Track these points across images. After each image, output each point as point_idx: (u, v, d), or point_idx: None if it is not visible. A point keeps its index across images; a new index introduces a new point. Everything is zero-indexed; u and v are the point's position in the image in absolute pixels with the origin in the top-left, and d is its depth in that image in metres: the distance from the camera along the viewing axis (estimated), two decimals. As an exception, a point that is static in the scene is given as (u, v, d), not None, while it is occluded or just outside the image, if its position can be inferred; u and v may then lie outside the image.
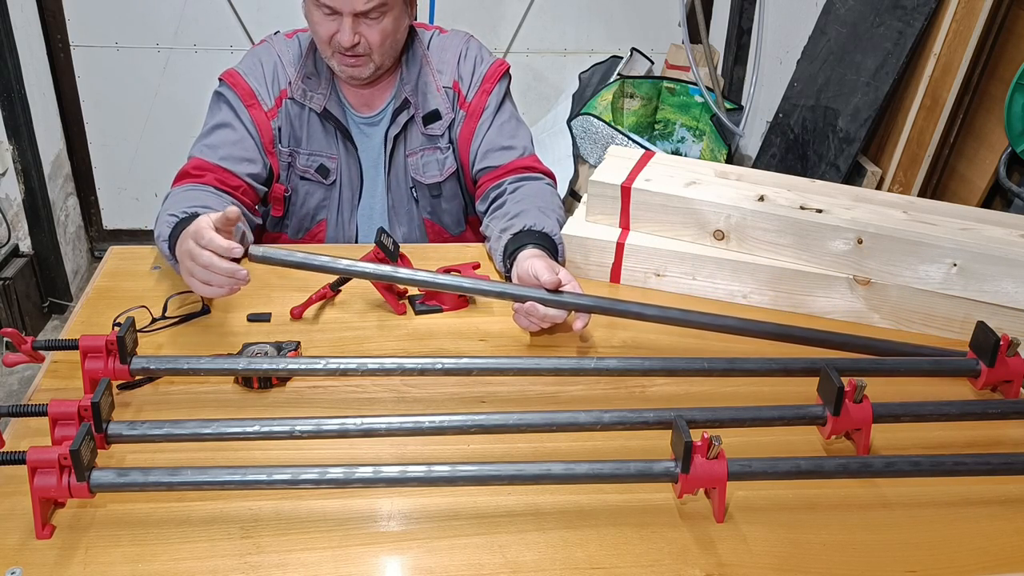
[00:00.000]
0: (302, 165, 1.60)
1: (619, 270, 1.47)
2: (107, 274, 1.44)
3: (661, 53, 3.10)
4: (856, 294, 1.39)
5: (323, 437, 1.02)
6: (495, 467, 0.97)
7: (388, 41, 1.50)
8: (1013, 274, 1.30)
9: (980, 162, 2.37)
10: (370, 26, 1.47)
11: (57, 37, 2.84)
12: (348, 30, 1.45)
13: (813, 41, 2.76)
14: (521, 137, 1.62)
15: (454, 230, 1.72)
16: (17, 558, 0.89)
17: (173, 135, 2.95)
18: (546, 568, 0.91)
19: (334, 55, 1.50)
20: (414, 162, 1.62)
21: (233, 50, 2.89)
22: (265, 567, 0.90)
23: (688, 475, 0.95)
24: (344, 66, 1.51)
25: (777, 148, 2.89)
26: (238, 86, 1.54)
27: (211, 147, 1.52)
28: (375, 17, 1.46)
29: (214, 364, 1.11)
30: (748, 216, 1.40)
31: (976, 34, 2.28)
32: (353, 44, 1.47)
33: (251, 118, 1.54)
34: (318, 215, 1.65)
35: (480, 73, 1.60)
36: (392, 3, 1.46)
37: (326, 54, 1.52)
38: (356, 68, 1.51)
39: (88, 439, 0.91)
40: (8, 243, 2.74)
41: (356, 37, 1.46)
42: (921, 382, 1.25)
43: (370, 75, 1.53)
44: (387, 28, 1.48)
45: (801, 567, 0.93)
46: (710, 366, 1.18)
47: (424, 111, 1.59)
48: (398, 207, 1.66)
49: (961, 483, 1.04)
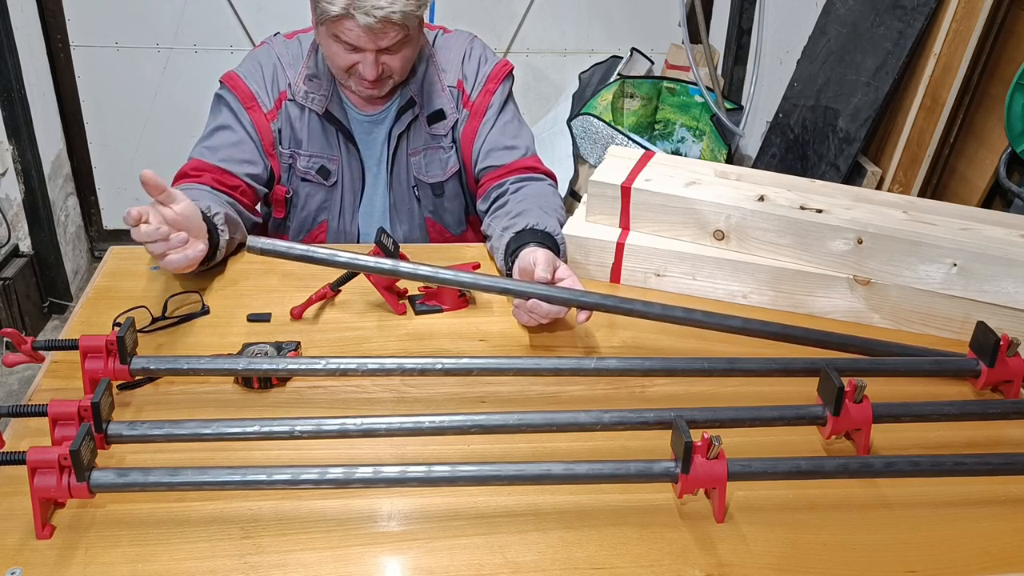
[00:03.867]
0: (303, 167, 1.59)
1: (619, 270, 1.47)
2: (107, 274, 1.44)
3: (661, 53, 3.10)
4: (856, 294, 1.39)
5: (323, 437, 1.02)
6: (495, 467, 0.97)
7: (408, 64, 1.51)
8: (1013, 274, 1.30)
9: (980, 162, 2.37)
10: (392, 55, 1.46)
11: (57, 37, 2.83)
12: (371, 65, 1.44)
13: (813, 41, 2.76)
14: (524, 137, 1.63)
15: (455, 229, 1.72)
16: (17, 558, 0.89)
17: (173, 135, 2.95)
18: (546, 568, 0.91)
19: (352, 79, 1.49)
20: (417, 161, 1.62)
21: (233, 50, 2.89)
22: (265, 567, 0.90)
23: (688, 475, 0.95)
24: (363, 88, 1.51)
25: (777, 148, 2.89)
26: (237, 88, 1.54)
27: (211, 149, 1.52)
28: (396, 48, 1.45)
29: (214, 364, 1.11)
30: (748, 216, 1.40)
31: (976, 34, 2.28)
32: (378, 76, 1.46)
33: (251, 120, 1.54)
34: (319, 216, 1.65)
35: (484, 73, 1.61)
36: (413, 32, 1.45)
37: (342, 78, 1.51)
38: (376, 90, 1.51)
39: (88, 439, 0.91)
40: (8, 243, 2.74)
41: (381, 68, 1.46)
42: (921, 382, 1.25)
43: (387, 92, 1.54)
44: (407, 55, 1.48)
45: (801, 567, 0.93)
46: (710, 366, 1.18)
47: (429, 110, 1.59)
48: (400, 205, 1.66)
49: (961, 483, 1.04)
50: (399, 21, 1.38)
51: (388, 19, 1.36)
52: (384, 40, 1.41)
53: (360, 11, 1.35)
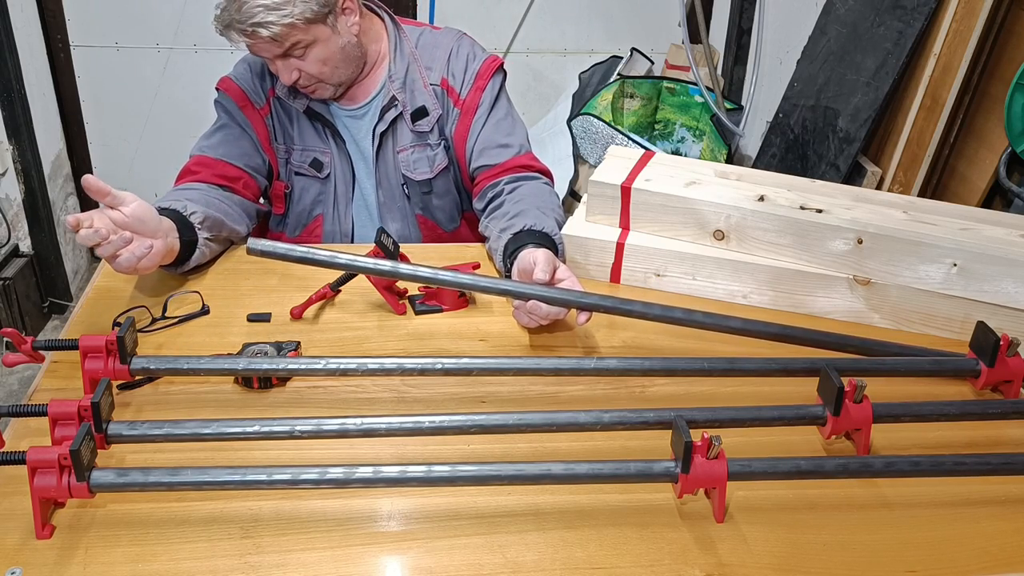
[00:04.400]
0: (297, 161, 1.63)
1: (619, 270, 1.47)
2: (107, 274, 1.44)
3: (661, 53, 3.10)
4: (856, 294, 1.39)
5: (323, 437, 1.02)
6: (495, 467, 0.97)
7: (330, 65, 1.51)
8: (1013, 274, 1.30)
9: (980, 162, 2.37)
10: (302, 59, 1.48)
11: (57, 37, 2.83)
12: (283, 71, 1.49)
13: (813, 41, 2.76)
14: (517, 135, 1.62)
15: (448, 226, 1.72)
16: (17, 558, 0.89)
17: (173, 135, 2.95)
18: (546, 568, 0.91)
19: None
20: (404, 158, 1.63)
21: (233, 50, 2.88)
22: (265, 567, 0.90)
23: (688, 475, 0.95)
24: (304, 94, 1.55)
25: (777, 148, 2.89)
26: (231, 91, 1.59)
27: (211, 145, 1.56)
28: (299, 54, 1.47)
29: (214, 364, 1.11)
30: (748, 216, 1.40)
31: (976, 34, 2.28)
32: (294, 81, 1.49)
33: (247, 119, 1.58)
34: (315, 210, 1.66)
35: (473, 70, 1.60)
36: (307, 37, 1.45)
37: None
38: (316, 93, 1.55)
39: (88, 439, 0.91)
40: (8, 243, 2.74)
41: (295, 73, 1.49)
42: (921, 382, 1.25)
43: (335, 92, 1.57)
44: (320, 55, 1.48)
45: (801, 567, 0.93)
46: (710, 366, 1.18)
47: (412, 108, 1.60)
48: (389, 203, 1.67)
49: (961, 483, 1.04)
50: (270, 36, 1.41)
51: (256, 33, 1.41)
52: (268, 51, 1.45)
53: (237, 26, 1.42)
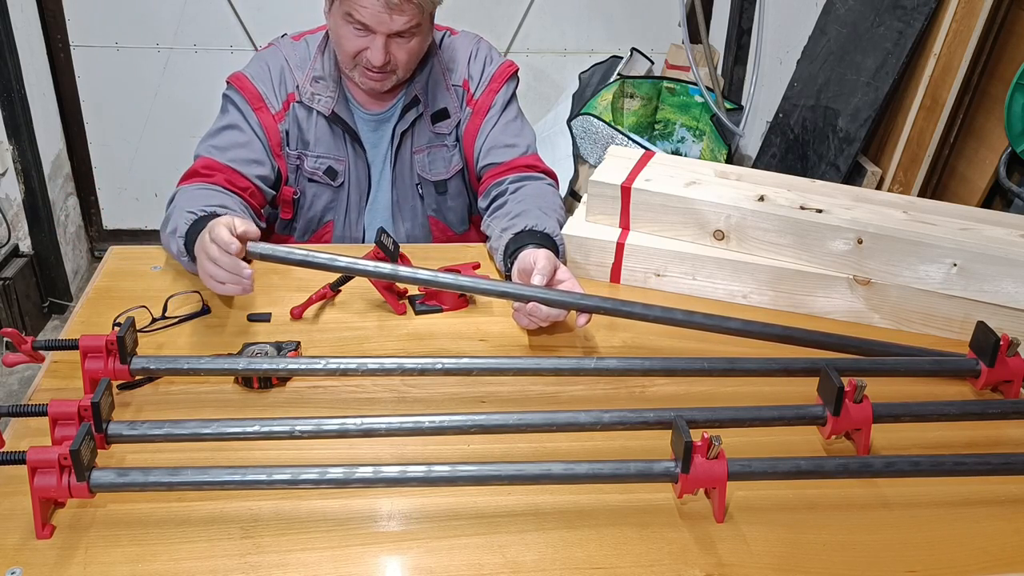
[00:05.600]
0: (310, 167, 1.60)
1: (619, 270, 1.47)
2: (107, 274, 1.44)
3: (661, 53, 3.10)
4: (856, 294, 1.39)
5: (323, 437, 1.02)
6: (495, 467, 0.97)
7: (415, 59, 1.52)
8: (1013, 274, 1.30)
9: (980, 162, 2.37)
10: (400, 45, 1.47)
11: (57, 37, 2.83)
12: (380, 49, 1.45)
13: (813, 41, 2.76)
14: (525, 136, 1.64)
15: (458, 228, 1.73)
16: (17, 558, 0.89)
17: (173, 135, 2.95)
18: (546, 568, 0.91)
19: (357, 68, 1.50)
20: (421, 159, 1.63)
21: (233, 50, 2.89)
22: (265, 567, 0.90)
23: (688, 475, 0.95)
24: (367, 79, 1.52)
25: (777, 148, 2.89)
26: (245, 89, 1.55)
27: (219, 148, 1.52)
28: (407, 37, 1.46)
29: (214, 364, 1.11)
30: (748, 216, 1.40)
31: (976, 34, 2.28)
32: (384, 63, 1.47)
33: (258, 121, 1.55)
34: (325, 217, 1.65)
35: (489, 72, 1.62)
36: (424, 23, 1.47)
37: (348, 66, 1.51)
38: (379, 83, 1.52)
39: (88, 439, 0.91)
40: (8, 243, 2.74)
41: (386, 56, 1.47)
42: (921, 382, 1.25)
43: (390, 88, 1.55)
44: (415, 48, 1.49)
45: (801, 567, 0.93)
46: (710, 366, 1.18)
47: (433, 109, 1.60)
48: (403, 203, 1.66)
49: (961, 483, 1.04)
50: (418, 4, 1.40)
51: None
52: (397, 22, 1.42)
53: None
